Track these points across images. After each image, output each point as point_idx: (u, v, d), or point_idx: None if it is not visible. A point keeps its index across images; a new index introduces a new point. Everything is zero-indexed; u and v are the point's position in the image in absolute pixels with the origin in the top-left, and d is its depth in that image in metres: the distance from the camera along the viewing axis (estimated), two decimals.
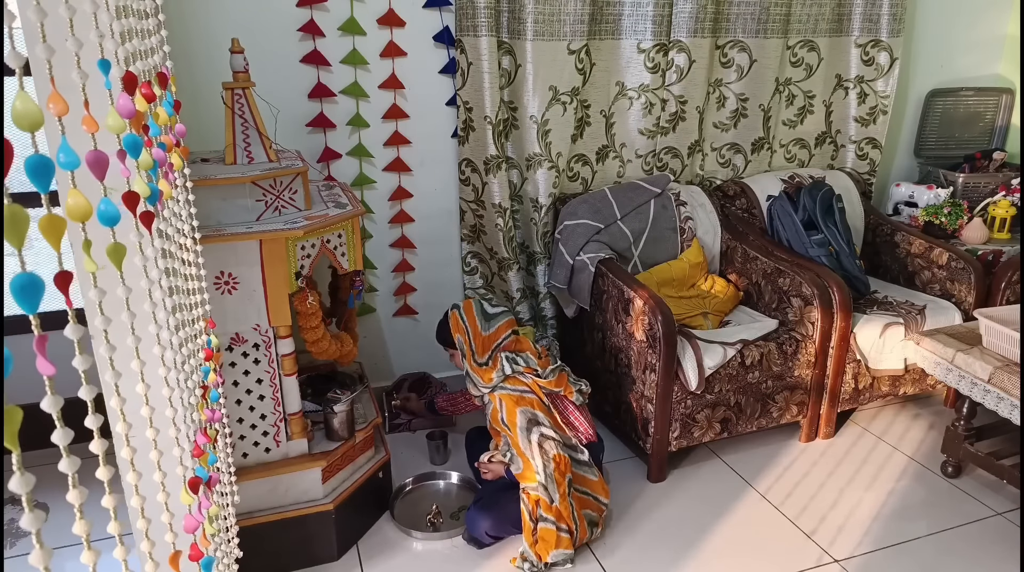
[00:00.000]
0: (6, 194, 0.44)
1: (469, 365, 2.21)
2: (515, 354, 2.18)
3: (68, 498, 0.52)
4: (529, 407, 2.11)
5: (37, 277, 0.45)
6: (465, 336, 2.22)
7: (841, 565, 2.06)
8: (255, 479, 1.92)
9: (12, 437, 0.43)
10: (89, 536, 0.53)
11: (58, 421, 0.50)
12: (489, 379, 2.16)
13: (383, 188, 2.71)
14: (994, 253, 2.91)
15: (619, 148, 2.92)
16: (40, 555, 0.47)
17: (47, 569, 0.48)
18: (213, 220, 1.78)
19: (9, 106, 0.49)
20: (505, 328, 2.22)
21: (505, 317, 2.25)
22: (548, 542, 2.01)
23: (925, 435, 2.73)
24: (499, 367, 2.15)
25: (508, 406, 2.11)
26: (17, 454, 0.44)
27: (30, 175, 0.48)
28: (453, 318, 2.26)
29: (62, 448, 0.50)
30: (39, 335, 0.47)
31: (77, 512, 0.52)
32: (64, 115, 0.55)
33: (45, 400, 0.48)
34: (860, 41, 3.09)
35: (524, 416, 2.08)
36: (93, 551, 0.55)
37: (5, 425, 0.42)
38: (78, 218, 0.55)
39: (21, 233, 0.44)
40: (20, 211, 0.44)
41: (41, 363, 0.48)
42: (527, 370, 2.15)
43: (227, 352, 1.85)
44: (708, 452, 2.62)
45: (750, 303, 2.78)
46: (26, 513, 0.48)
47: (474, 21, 2.50)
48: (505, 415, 2.11)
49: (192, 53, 2.31)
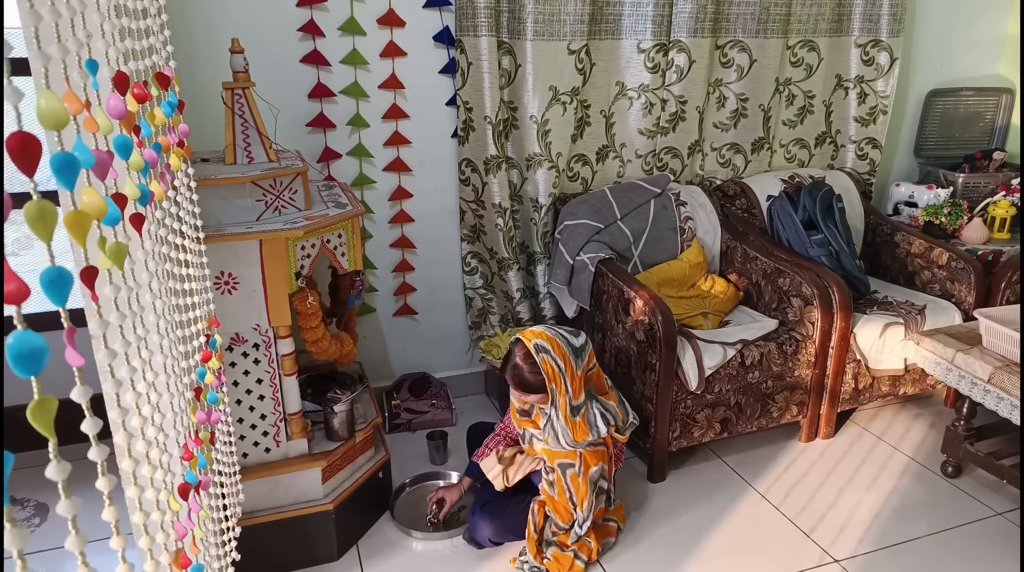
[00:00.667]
0: (34, 191, 0.44)
1: (564, 417, 1.90)
2: (605, 408, 1.96)
3: (59, 509, 0.52)
4: (603, 461, 2.02)
5: (66, 271, 0.46)
6: (562, 385, 1.87)
7: (841, 565, 2.06)
8: (255, 479, 1.92)
9: (48, 426, 0.44)
10: (86, 539, 0.53)
11: (88, 411, 0.50)
12: (584, 438, 1.92)
13: (383, 188, 2.71)
14: (994, 253, 2.91)
15: (619, 148, 2.92)
16: (76, 540, 0.48)
17: (83, 554, 0.49)
18: (213, 220, 1.79)
19: (27, 106, 0.49)
20: (592, 357, 1.96)
21: (590, 345, 1.96)
22: (563, 565, 2.00)
23: (925, 435, 2.73)
24: (591, 424, 1.93)
25: (587, 462, 1.97)
26: (54, 443, 0.45)
27: (56, 173, 0.49)
28: (545, 365, 1.86)
29: (52, 452, 0.50)
30: (68, 327, 0.48)
31: (71, 518, 0.52)
32: (79, 114, 0.55)
33: (75, 391, 0.49)
34: (860, 41, 3.09)
35: (599, 472, 2.01)
36: (121, 536, 0.55)
37: (41, 414, 0.43)
38: (96, 215, 0.55)
39: (50, 228, 0.45)
40: (49, 206, 0.45)
41: (71, 354, 0.48)
42: (612, 427, 1.99)
43: (227, 352, 1.85)
44: (708, 452, 2.62)
45: (750, 303, 2.78)
46: (62, 500, 0.49)
47: (474, 21, 2.50)
48: (582, 471, 1.96)
49: (192, 53, 2.31)
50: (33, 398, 0.45)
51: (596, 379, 2.02)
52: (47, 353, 0.43)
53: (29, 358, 0.42)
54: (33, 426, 0.44)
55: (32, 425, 0.44)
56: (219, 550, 1.31)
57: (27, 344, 0.42)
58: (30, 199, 0.45)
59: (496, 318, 2.95)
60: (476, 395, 3.06)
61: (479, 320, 2.96)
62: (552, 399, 1.91)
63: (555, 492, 2.01)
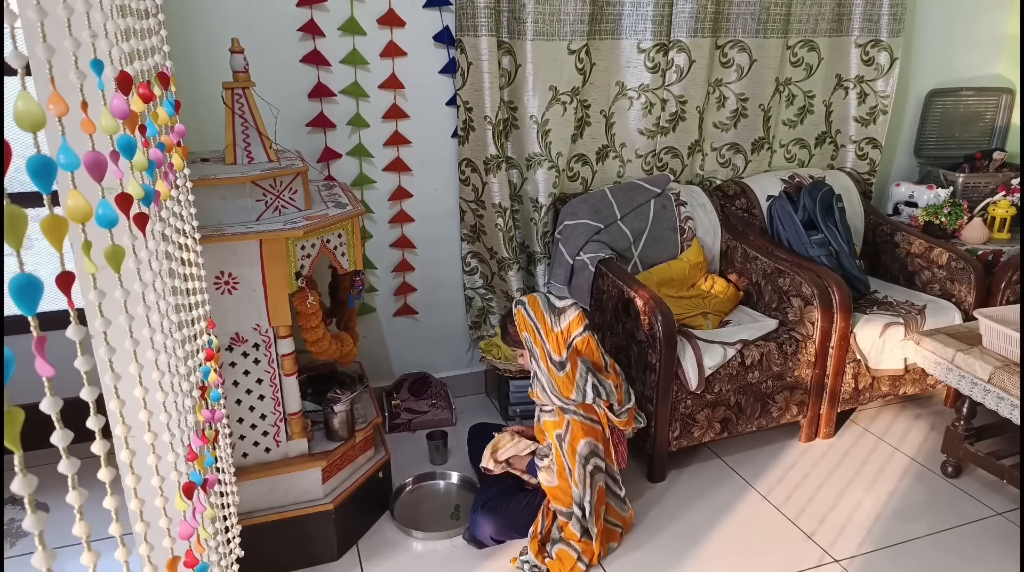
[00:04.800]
0: (5, 195, 0.43)
1: (546, 367, 2.02)
2: (600, 382, 2.02)
3: (68, 499, 0.52)
4: (594, 438, 2.04)
5: (36, 278, 0.45)
6: (534, 333, 2.04)
7: (841, 565, 2.06)
8: (255, 479, 1.92)
9: (14, 439, 0.43)
10: (89, 537, 0.53)
11: (58, 423, 0.50)
12: (568, 393, 2.00)
13: (383, 188, 2.71)
14: (994, 253, 2.91)
15: (619, 148, 2.92)
16: (43, 556, 0.47)
17: (50, 570, 0.48)
18: (213, 220, 1.78)
19: (10, 106, 0.49)
20: (577, 323, 2.04)
21: (575, 310, 2.06)
22: (564, 564, 2.00)
23: (925, 435, 2.73)
24: (578, 386, 2.00)
25: (574, 432, 2.01)
26: (19, 456, 0.44)
27: (32, 175, 0.48)
28: (519, 315, 2.07)
29: (61, 449, 0.50)
30: (38, 336, 0.47)
31: (77, 513, 0.52)
32: (64, 115, 0.55)
33: (44, 401, 0.48)
34: (860, 41, 3.09)
35: (588, 446, 2.02)
36: (93, 552, 0.55)
37: (7, 427, 0.42)
38: (78, 219, 0.55)
39: (20, 234, 0.44)
40: (19, 212, 0.44)
41: (40, 364, 0.47)
42: (605, 403, 2.04)
43: (227, 352, 1.85)
44: (708, 452, 2.62)
45: (750, 303, 2.78)
46: (28, 515, 0.47)
47: (474, 21, 2.50)
48: (569, 440, 2.01)
49: (192, 53, 2.31)
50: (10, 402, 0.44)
51: (585, 349, 2.04)
52: (13, 363, 0.42)
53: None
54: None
55: None
56: (223, 548, 1.31)
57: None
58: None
59: (496, 318, 2.95)
60: (476, 395, 3.06)
61: (479, 320, 2.96)
62: (528, 348, 2.06)
63: (554, 474, 2.02)
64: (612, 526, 2.12)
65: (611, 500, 2.11)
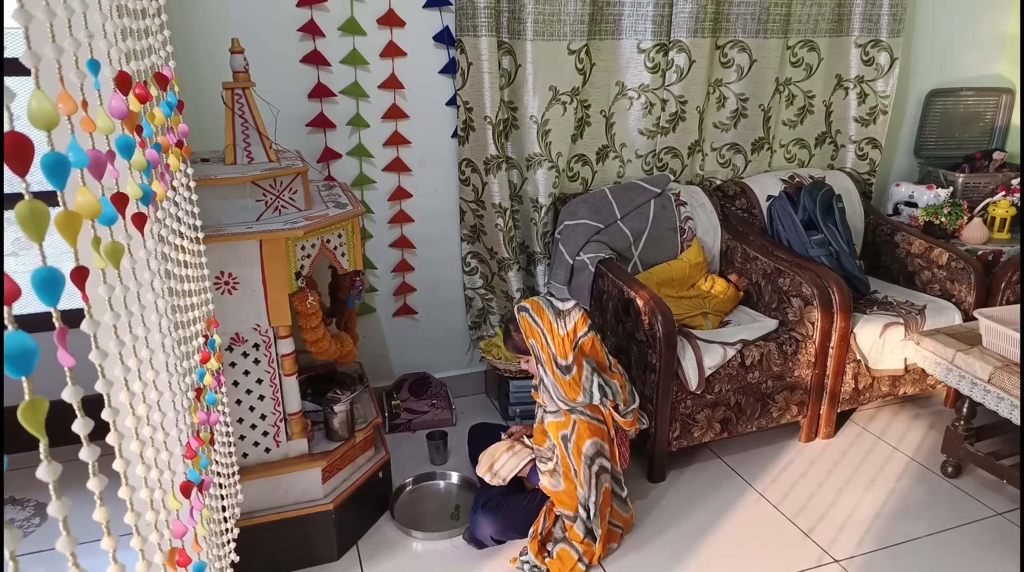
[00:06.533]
0: (26, 190, 0.44)
1: (551, 372, 2.00)
2: (606, 382, 2.01)
3: (89, 485, 0.52)
4: (599, 439, 2.03)
5: (58, 271, 0.46)
6: (541, 340, 2.01)
7: (841, 565, 2.06)
8: (255, 479, 1.92)
9: (39, 427, 0.44)
10: (108, 524, 0.54)
11: (79, 411, 0.51)
12: (575, 397, 1.99)
13: (383, 188, 2.71)
14: (994, 253, 2.91)
15: (619, 148, 2.92)
16: (66, 541, 0.48)
17: (74, 555, 0.49)
18: (213, 220, 1.79)
19: (21, 106, 0.49)
20: (582, 323, 2.02)
21: (578, 311, 2.04)
22: (565, 564, 2.00)
23: (925, 435, 2.73)
24: (584, 388, 1.98)
25: (580, 432, 2.00)
26: (44, 443, 0.46)
27: (47, 173, 0.49)
28: (524, 322, 2.03)
29: (43, 452, 0.50)
30: (60, 328, 0.48)
31: (97, 499, 0.52)
32: (73, 114, 0.55)
33: (66, 390, 0.49)
34: (860, 41, 3.09)
35: (594, 447, 2.01)
36: (112, 537, 0.55)
37: (32, 414, 0.43)
38: (88, 215, 0.55)
39: (41, 228, 0.45)
40: (40, 207, 0.44)
41: (62, 355, 0.48)
42: (611, 403, 2.02)
43: (227, 352, 1.85)
44: (708, 452, 2.62)
45: (750, 303, 2.78)
46: (53, 501, 0.49)
47: (474, 21, 2.50)
48: (575, 440, 2.00)
49: (192, 53, 2.31)
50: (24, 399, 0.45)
51: (590, 350, 2.03)
52: (37, 354, 0.43)
53: (20, 359, 0.42)
54: (24, 427, 0.44)
55: (24, 426, 0.44)
56: (220, 551, 1.31)
57: (18, 345, 0.42)
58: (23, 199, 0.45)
59: (496, 318, 2.95)
60: (476, 395, 3.06)
61: (479, 320, 2.96)
62: (535, 354, 2.02)
63: (558, 477, 2.01)
64: (613, 527, 2.12)
65: (614, 501, 2.11)
